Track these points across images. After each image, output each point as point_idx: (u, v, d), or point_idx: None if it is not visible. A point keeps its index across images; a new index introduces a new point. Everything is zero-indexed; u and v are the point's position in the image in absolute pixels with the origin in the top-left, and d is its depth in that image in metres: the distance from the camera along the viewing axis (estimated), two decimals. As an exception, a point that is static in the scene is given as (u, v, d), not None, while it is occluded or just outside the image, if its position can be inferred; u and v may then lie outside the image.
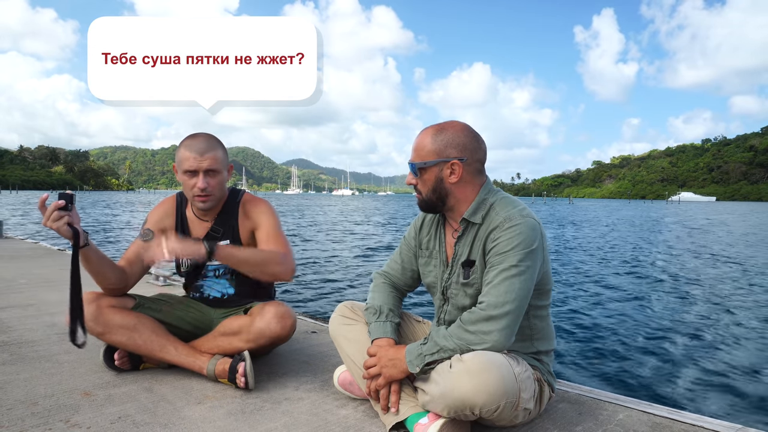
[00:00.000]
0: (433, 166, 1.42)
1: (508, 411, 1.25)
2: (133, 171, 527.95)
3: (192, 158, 1.80)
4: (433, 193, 1.45)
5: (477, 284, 1.42)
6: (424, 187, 1.46)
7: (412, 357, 1.36)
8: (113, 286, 1.79)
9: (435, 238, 1.57)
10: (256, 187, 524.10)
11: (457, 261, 1.47)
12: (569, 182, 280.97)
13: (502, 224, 1.36)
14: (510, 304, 1.29)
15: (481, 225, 1.42)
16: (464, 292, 1.45)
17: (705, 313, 5.87)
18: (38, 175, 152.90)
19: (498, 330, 1.28)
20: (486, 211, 1.42)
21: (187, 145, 1.82)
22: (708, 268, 9.93)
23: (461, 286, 1.45)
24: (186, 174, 1.82)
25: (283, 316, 1.82)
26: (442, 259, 1.54)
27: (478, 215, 1.43)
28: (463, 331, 1.31)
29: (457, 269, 1.47)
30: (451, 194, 1.44)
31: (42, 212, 1.51)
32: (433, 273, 1.56)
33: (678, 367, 3.92)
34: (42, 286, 3.59)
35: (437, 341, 1.34)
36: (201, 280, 2.04)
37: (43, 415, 1.49)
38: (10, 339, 2.28)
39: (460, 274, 1.45)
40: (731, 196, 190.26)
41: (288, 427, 1.47)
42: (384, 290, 1.63)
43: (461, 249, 1.46)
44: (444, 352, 1.32)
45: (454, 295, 1.49)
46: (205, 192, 1.82)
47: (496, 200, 1.43)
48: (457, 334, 1.32)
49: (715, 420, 1.56)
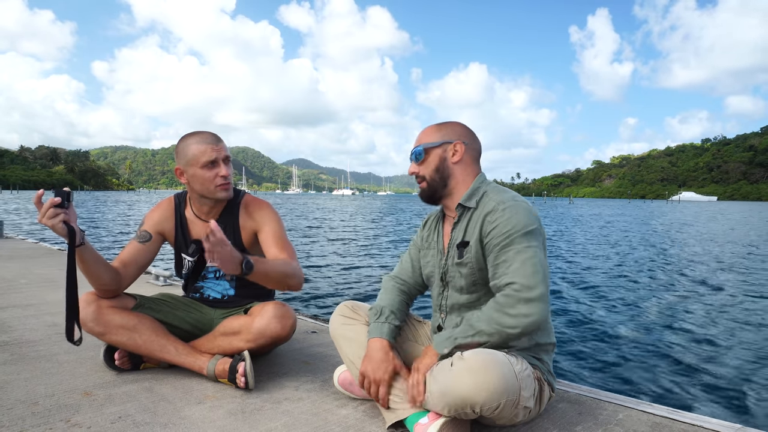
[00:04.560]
0: (437, 147, 1.53)
1: (508, 409, 1.25)
2: (134, 171, 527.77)
3: (210, 149, 1.80)
4: (436, 173, 1.52)
5: (470, 263, 1.45)
6: (428, 170, 1.53)
7: (440, 339, 1.38)
8: (106, 287, 1.76)
9: (434, 231, 1.64)
10: (256, 186, 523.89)
11: (452, 244, 1.51)
12: (569, 182, 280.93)
13: (496, 207, 1.40)
14: (542, 285, 1.32)
15: (475, 210, 1.47)
16: (459, 273, 1.49)
17: (705, 313, 5.87)
18: (39, 175, 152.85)
19: (537, 312, 1.30)
20: (480, 196, 1.48)
21: (197, 140, 1.82)
22: (709, 267, 9.93)
23: (456, 267, 1.49)
24: (206, 167, 1.81)
25: (283, 316, 1.82)
26: (439, 248, 1.59)
27: (472, 200, 1.48)
28: (502, 314, 1.31)
29: (452, 251, 1.51)
30: (453, 176, 1.52)
31: (38, 208, 1.50)
32: (431, 263, 1.61)
33: (678, 367, 3.93)
34: (42, 286, 3.59)
35: (473, 324, 1.35)
36: (201, 282, 2.04)
37: (44, 415, 1.49)
38: (10, 339, 2.28)
39: (455, 255, 1.49)
40: (731, 196, 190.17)
41: (288, 427, 1.47)
42: (390, 292, 1.65)
43: (457, 234, 1.51)
44: (480, 336, 1.33)
45: (452, 277, 1.52)
46: (227, 179, 1.84)
47: (489, 188, 1.50)
48: (495, 318, 1.32)
49: (715, 420, 1.56)
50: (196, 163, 1.81)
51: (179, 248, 2.00)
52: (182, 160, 1.84)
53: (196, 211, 1.97)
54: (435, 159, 1.52)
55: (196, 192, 1.89)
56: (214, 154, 1.80)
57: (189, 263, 2.00)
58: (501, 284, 1.35)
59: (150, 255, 1.92)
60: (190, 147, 1.82)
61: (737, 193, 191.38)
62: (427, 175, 1.54)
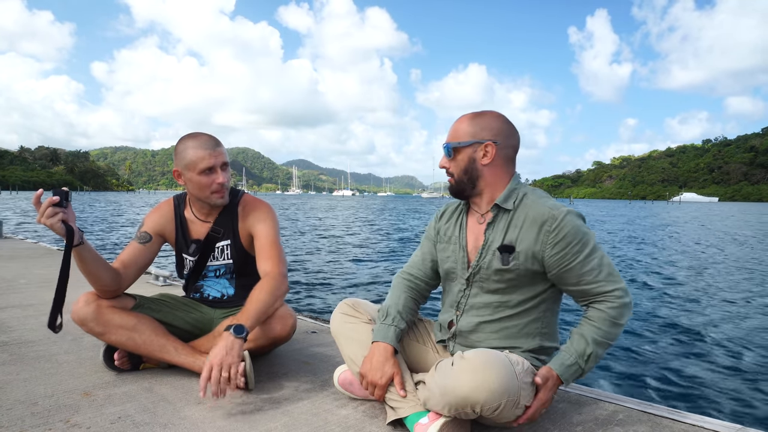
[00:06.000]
0: (467, 147, 1.46)
1: (508, 410, 1.25)
2: (133, 171, 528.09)
3: (209, 155, 1.80)
4: (464, 174, 1.48)
5: (518, 270, 1.41)
6: (457, 168, 1.49)
7: (566, 375, 1.37)
8: (106, 288, 1.76)
9: (455, 225, 1.58)
10: (256, 187, 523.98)
11: (487, 247, 1.45)
12: (569, 183, 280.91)
13: (554, 215, 1.37)
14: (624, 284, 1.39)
15: (514, 212, 1.43)
16: (500, 277, 1.43)
17: (705, 313, 5.87)
18: (38, 175, 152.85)
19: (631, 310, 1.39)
20: (517, 199, 1.44)
21: (195, 145, 1.81)
22: (711, 268, 9.92)
23: (496, 272, 1.43)
24: (203, 173, 1.82)
25: (284, 316, 1.82)
26: (462, 244, 1.53)
27: (509, 202, 1.44)
28: (615, 326, 1.37)
29: (489, 255, 1.45)
30: (482, 177, 1.47)
31: (36, 208, 1.51)
32: (451, 258, 1.55)
33: (678, 367, 3.92)
34: (42, 286, 3.59)
35: (594, 352, 1.37)
36: (201, 281, 2.04)
37: (43, 415, 1.49)
38: (10, 339, 2.28)
39: (497, 260, 1.43)
40: (732, 197, 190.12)
41: (288, 427, 1.47)
42: (397, 290, 1.63)
43: (493, 235, 1.45)
44: (598, 359, 1.38)
45: (484, 279, 1.47)
46: (224, 186, 1.85)
47: (527, 191, 1.47)
48: (612, 332, 1.37)
49: (715, 420, 1.56)
50: (193, 169, 1.82)
51: (180, 248, 2.00)
52: (180, 163, 1.84)
53: (195, 212, 1.97)
54: (464, 159, 1.47)
55: (194, 195, 1.90)
56: (212, 161, 1.80)
57: (190, 263, 2.00)
58: (600, 291, 1.37)
59: (150, 256, 1.92)
60: (188, 151, 1.82)
61: (738, 194, 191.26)
62: (456, 173, 1.49)
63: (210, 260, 1.99)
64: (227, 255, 1.98)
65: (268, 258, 1.85)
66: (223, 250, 1.97)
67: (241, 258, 1.98)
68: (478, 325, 1.48)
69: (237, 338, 1.55)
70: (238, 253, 1.97)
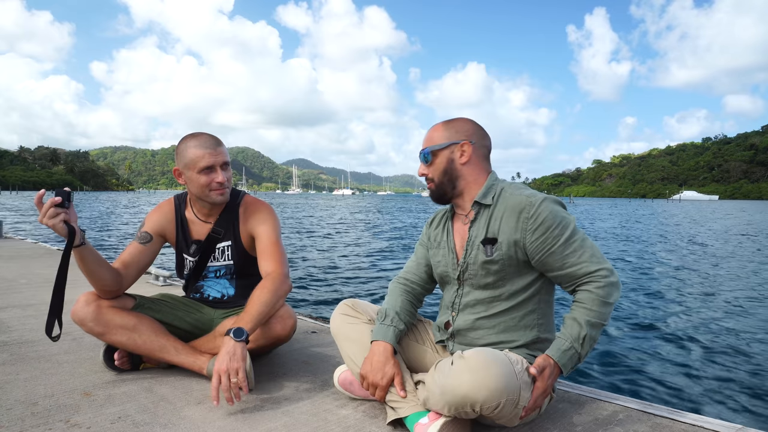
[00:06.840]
0: (444, 149, 1.51)
1: (508, 409, 1.25)
2: (133, 171, 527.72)
3: (208, 154, 1.80)
4: (444, 176, 1.51)
5: (502, 260, 1.42)
6: (436, 172, 1.52)
7: (564, 360, 1.36)
8: (108, 288, 1.76)
9: (443, 230, 1.61)
10: (256, 187, 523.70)
11: (472, 242, 1.48)
12: (569, 181, 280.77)
13: (531, 202, 1.39)
14: (609, 264, 1.40)
15: (494, 207, 1.46)
16: (487, 270, 1.45)
17: (705, 313, 5.87)
18: (38, 175, 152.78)
19: (620, 292, 1.40)
20: (496, 194, 1.47)
21: (196, 144, 1.82)
22: (712, 267, 9.92)
23: (483, 265, 1.45)
24: (203, 172, 1.82)
25: (284, 316, 1.82)
26: (450, 247, 1.56)
27: (489, 197, 1.47)
28: (605, 305, 1.37)
29: (474, 250, 1.47)
30: (461, 177, 1.51)
31: (38, 209, 1.51)
32: (442, 262, 1.59)
33: (678, 367, 3.92)
34: (42, 286, 3.60)
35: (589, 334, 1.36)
36: (201, 281, 2.04)
37: (43, 415, 1.49)
38: (10, 339, 2.28)
39: (481, 252, 1.45)
40: (732, 195, 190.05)
41: (288, 427, 1.47)
42: (394, 294, 1.66)
43: (476, 231, 1.48)
44: (595, 336, 1.38)
45: (473, 275, 1.49)
46: (223, 185, 1.84)
47: (505, 186, 1.49)
48: (603, 312, 1.37)
49: (715, 420, 1.56)
50: (193, 167, 1.82)
51: (180, 249, 2.00)
52: (181, 162, 1.84)
53: (196, 212, 1.97)
54: (443, 161, 1.51)
55: (194, 194, 1.89)
56: (212, 159, 1.80)
57: (190, 263, 2.00)
58: (585, 272, 1.38)
59: (150, 256, 1.92)
60: (189, 150, 1.82)
61: (738, 192, 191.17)
62: (436, 177, 1.52)
63: (210, 261, 1.99)
64: (228, 256, 1.98)
65: (270, 258, 1.85)
66: (223, 251, 1.97)
67: (241, 259, 1.98)
68: (475, 321, 1.50)
69: (238, 342, 1.56)
70: (238, 254, 1.97)
